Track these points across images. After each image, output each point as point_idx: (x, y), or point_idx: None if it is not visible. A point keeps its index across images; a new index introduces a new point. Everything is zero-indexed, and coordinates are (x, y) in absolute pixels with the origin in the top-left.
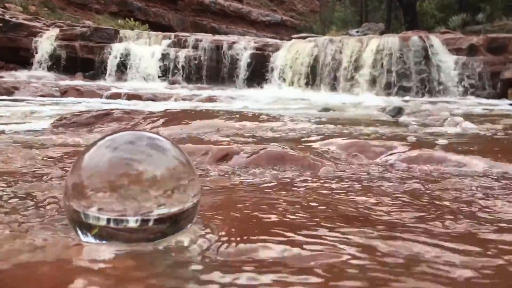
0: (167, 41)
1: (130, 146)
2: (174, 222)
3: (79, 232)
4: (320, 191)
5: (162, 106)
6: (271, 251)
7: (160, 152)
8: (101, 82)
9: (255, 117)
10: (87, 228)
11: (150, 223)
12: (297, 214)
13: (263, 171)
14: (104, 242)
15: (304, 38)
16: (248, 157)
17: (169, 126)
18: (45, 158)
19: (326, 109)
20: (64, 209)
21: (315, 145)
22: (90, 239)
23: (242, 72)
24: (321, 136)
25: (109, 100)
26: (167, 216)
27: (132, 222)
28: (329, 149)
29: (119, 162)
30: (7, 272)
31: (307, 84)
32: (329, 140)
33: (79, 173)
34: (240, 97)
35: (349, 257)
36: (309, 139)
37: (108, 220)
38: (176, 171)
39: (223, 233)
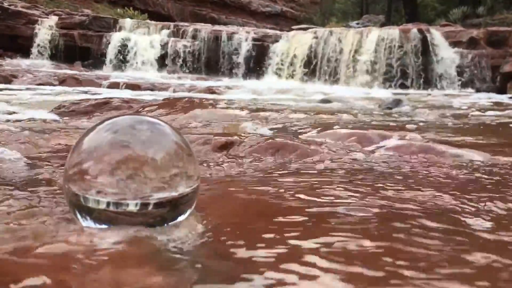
0: (166, 31)
1: (130, 130)
2: (173, 207)
3: (79, 216)
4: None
5: (161, 95)
6: None
7: (161, 136)
8: (99, 71)
9: (253, 108)
10: (86, 211)
11: (150, 207)
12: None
13: (262, 160)
14: (103, 226)
15: (304, 29)
16: (247, 146)
17: (167, 115)
18: (44, 145)
19: (325, 101)
20: (64, 192)
21: (313, 135)
22: (89, 223)
23: (241, 62)
24: (320, 127)
25: (108, 89)
26: (166, 201)
27: (132, 206)
28: (327, 139)
29: (119, 145)
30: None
31: (306, 75)
32: (328, 130)
33: (79, 156)
34: (238, 88)
35: None
36: (307, 129)
37: (108, 204)
38: (176, 155)
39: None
